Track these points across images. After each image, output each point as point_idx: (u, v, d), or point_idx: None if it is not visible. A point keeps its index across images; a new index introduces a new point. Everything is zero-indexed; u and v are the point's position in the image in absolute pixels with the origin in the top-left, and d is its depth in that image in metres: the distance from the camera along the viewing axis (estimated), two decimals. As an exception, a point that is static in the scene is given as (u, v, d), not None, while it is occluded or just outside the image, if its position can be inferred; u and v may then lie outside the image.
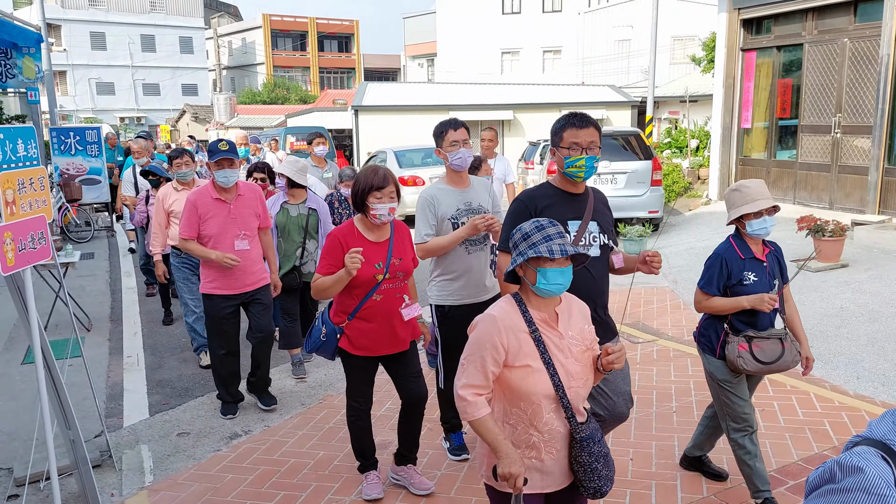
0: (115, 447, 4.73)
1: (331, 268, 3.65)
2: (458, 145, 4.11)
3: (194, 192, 5.04)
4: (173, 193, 6.31)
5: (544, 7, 40.11)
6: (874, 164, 10.63)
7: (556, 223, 2.50)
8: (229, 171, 4.92)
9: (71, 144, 13.55)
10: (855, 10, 11.16)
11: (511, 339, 2.44)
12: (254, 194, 5.19)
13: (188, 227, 4.93)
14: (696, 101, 22.34)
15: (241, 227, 5.01)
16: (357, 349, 3.81)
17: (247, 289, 5.08)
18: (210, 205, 4.95)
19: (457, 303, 4.15)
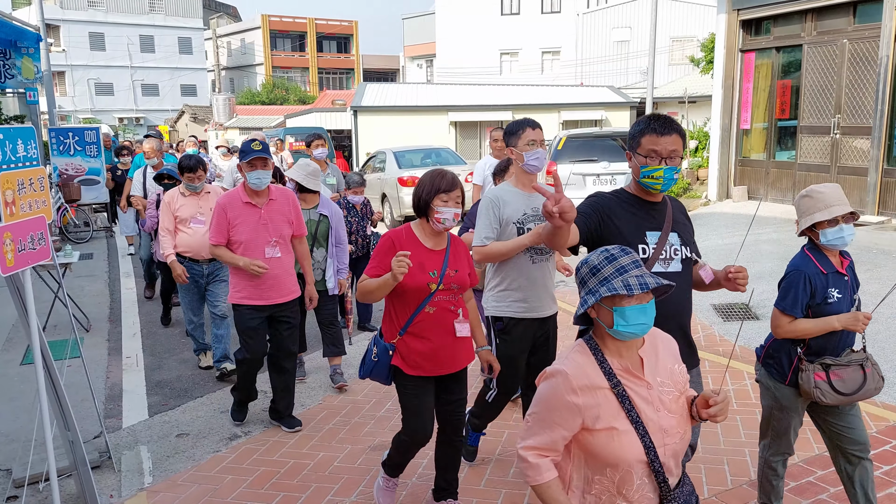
0: (114, 448, 4.72)
1: (379, 270, 3.41)
2: (535, 145, 3.89)
3: (224, 196, 4.79)
4: (180, 198, 6.06)
5: (543, 8, 40.13)
6: (873, 164, 10.64)
7: (629, 250, 2.15)
8: (262, 173, 4.65)
9: (70, 145, 13.54)
10: (854, 12, 11.17)
11: (588, 399, 2.07)
12: (287, 199, 4.87)
13: (217, 233, 4.69)
14: (694, 102, 22.35)
15: (272, 234, 4.72)
16: (411, 367, 3.49)
17: (278, 300, 4.78)
18: (240, 209, 4.68)
19: (517, 315, 3.86)
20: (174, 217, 6.00)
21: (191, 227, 5.97)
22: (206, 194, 6.12)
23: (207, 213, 5.87)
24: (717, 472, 4.10)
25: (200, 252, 5.91)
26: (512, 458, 4.35)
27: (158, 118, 51.94)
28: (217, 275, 6.09)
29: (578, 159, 11.86)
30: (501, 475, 4.19)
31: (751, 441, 4.42)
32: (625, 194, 3.05)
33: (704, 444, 4.44)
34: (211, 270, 6.07)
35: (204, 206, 6.02)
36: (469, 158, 21.83)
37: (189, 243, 5.97)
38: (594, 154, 11.90)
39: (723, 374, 5.62)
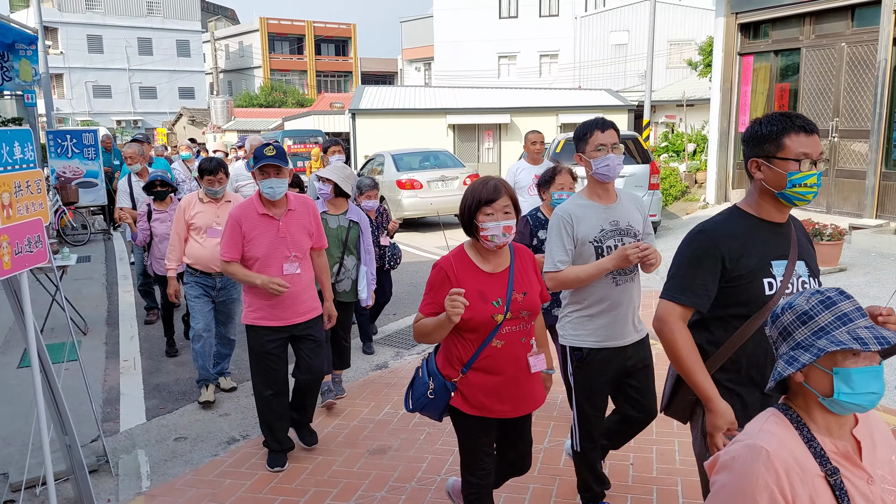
0: (112, 452, 4.70)
1: (434, 307, 2.90)
2: (604, 150, 3.41)
3: (238, 208, 4.27)
4: (198, 205, 5.54)
5: (541, 11, 40.18)
6: (872, 168, 10.65)
7: (845, 292, 1.70)
8: (276, 181, 4.14)
9: (68, 147, 13.52)
10: (852, 15, 11.19)
11: (798, 486, 1.59)
12: (307, 209, 4.39)
13: (231, 248, 4.20)
14: (692, 105, 22.38)
15: (291, 248, 4.26)
16: (474, 408, 2.99)
17: (297, 320, 4.33)
18: (255, 222, 4.19)
19: (597, 345, 3.42)
20: (188, 224, 5.47)
21: (206, 237, 5.45)
22: (226, 203, 5.58)
23: (223, 220, 5.31)
24: None
25: (211, 265, 5.42)
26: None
27: (156, 121, 51.92)
28: (229, 292, 5.64)
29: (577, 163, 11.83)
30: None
31: None
32: (742, 216, 2.56)
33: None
34: (224, 285, 5.58)
35: (223, 215, 5.37)
36: (467, 161, 21.85)
37: (201, 255, 5.45)
38: (592, 157, 11.87)
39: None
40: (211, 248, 5.35)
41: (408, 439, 4.77)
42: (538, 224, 4.58)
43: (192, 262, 5.49)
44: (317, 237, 4.48)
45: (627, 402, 3.57)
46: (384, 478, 4.25)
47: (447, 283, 2.88)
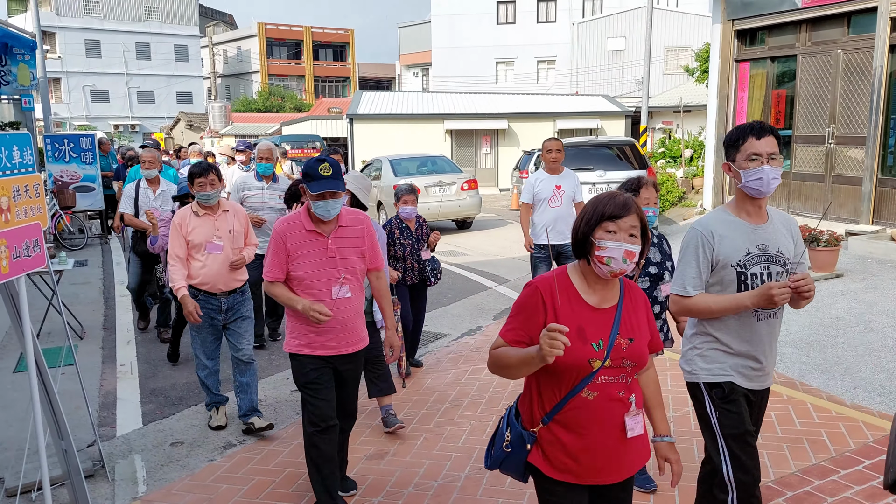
0: (108, 457, 4.69)
1: (520, 333, 2.42)
2: (759, 160, 2.86)
3: (283, 222, 3.77)
4: (193, 219, 5.05)
5: (538, 17, 40.32)
6: (868, 174, 10.68)
7: None
8: (332, 203, 3.63)
9: (65, 152, 13.52)
10: (848, 23, 11.23)
11: None
12: (360, 225, 3.85)
13: (274, 267, 3.73)
14: (689, 111, 22.44)
15: (341, 269, 3.74)
16: (556, 470, 2.44)
17: (343, 350, 3.82)
18: (302, 238, 3.70)
19: (741, 383, 3.00)
20: (186, 242, 5.04)
21: (206, 253, 5.01)
22: (224, 213, 5.14)
23: (227, 237, 5.07)
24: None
25: (217, 284, 5.01)
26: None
27: (154, 125, 51.94)
28: (238, 311, 5.13)
29: (574, 168, 11.83)
30: (498, 485, 4.17)
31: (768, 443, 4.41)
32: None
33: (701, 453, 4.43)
34: (231, 305, 5.08)
35: (221, 226, 5.06)
36: (465, 167, 21.88)
37: (204, 274, 5.00)
38: (590, 163, 11.93)
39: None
40: (216, 265, 4.99)
41: (405, 444, 4.77)
42: None
43: (194, 282, 4.99)
44: (371, 257, 3.90)
45: None
46: (381, 483, 4.24)
47: (541, 311, 2.40)
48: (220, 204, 5.16)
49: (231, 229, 5.10)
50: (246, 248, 5.25)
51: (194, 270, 5.02)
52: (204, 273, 5.00)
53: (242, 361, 5.10)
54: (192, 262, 5.03)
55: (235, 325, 5.12)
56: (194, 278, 5.00)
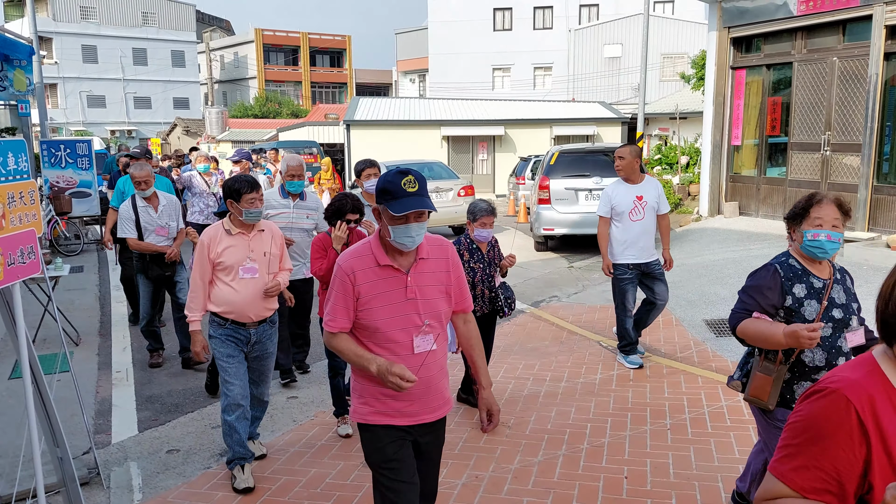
0: (104, 464, 4.67)
1: (820, 478, 1.52)
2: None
3: (349, 255, 2.91)
4: (225, 238, 4.41)
5: (535, 24, 40.44)
6: (863, 181, 10.72)
7: None
8: (417, 228, 2.80)
9: (61, 157, 13.50)
10: (843, 30, 11.28)
11: None
12: (444, 256, 3.01)
13: (339, 314, 2.88)
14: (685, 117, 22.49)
15: (424, 314, 2.91)
16: None
17: (426, 417, 2.99)
18: (375, 276, 2.86)
19: None
20: (214, 264, 4.39)
21: (240, 277, 4.38)
22: (260, 233, 4.52)
23: (261, 260, 4.47)
24: (711, 490, 4.09)
25: (248, 312, 4.40)
26: (503, 477, 4.32)
27: (150, 131, 51.96)
28: (265, 345, 4.59)
29: (570, 174, 11.90)
30: (522, 485, 4.16)
31: (745, 457, 4.41)
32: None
33: (698, 460, 4.43)
34: (259, 337, 4.52)
35: (257, 248, 4.46)
36: (461, 173, 21.92)
37: (234, 301, 4.37)
38: (586, 169, 11.95)
39: (715, 390, 5.61)
40: (248, 291, 4.39)
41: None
42: (792, 276, 3.23)
43: (221, 309, 4.39)
44: (458, 295, 3.06)
45: None
46: (377, 491, 4.23)
47: (856, 439, 1.48)
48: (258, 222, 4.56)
49: (267, 251, 4.50)
50: (280, 272, 4.65)
51: (222, 296, 4.37)
52: (234, 300, 4.37)
53: (260, 399, 4.76)
54: (219, 286, 4.40)
55: (258, 363, 4.61)
56: (220, 305, 4.38)
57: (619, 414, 5.24)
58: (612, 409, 5.35)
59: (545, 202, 11.88)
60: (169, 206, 6.71)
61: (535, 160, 19.04)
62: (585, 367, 6.30)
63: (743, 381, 3.37)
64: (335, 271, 2.92)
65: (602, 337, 7.16)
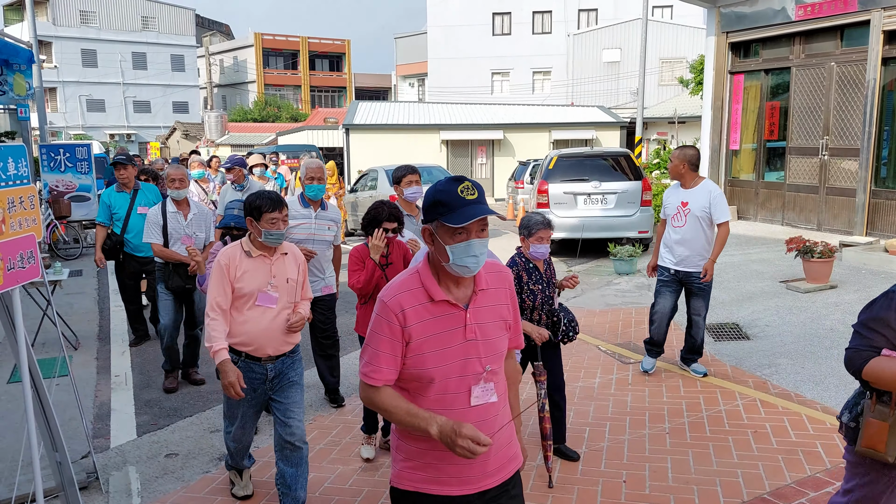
0: (102, 468, 4.67)
1: None
2: None
3: (394, 287, 2.32)
4: (244, 261, 3.84)
5: (534, 28, 40.51)
6: (861, 186, 10.74)
7: None
8: (480, 245, 2.27)
9: (61, 161, 13.51)
10: (841, 35, 11.31)
11: None
12: (502, 284, 2.46)
13: (383, 361, 2.29)
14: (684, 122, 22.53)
15: (485, 359, 2.33)
16: None
17: (488, 483, 2.37)
18: (428, 314, 2.29)
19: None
20: (232, 289, 3.83)
21: (256, 305, 3.82)
22: (282, 256, 3.94)
23: (283, 287, 3.89)
24: (710, 494, 4.09)
25: (265, 346, 3.84)
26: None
27: (150, 135, 52.01)
28: (287, 375, 3.95)
29: (569, 178, 11.92)
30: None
31: (744, 461, 4.41)
32: None
33: (696, 464, 4.44)
34: (279, 371, 3.91)
35: (279, 273, 3.89)
36: (460, 177, 21.90)
37: (250, 333, 3.82)
38: (585, 173, 11.96)
39: (714, 394, 5.62)
40: (265, 322, 3.83)
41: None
42: None
43: (235, 341, 3.83)
44: (514, 329, 2.51)
45: None
46: (376, 494, 4.23)
47: None
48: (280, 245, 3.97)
49: (291, 278, 3.93)
50: (302, 302, 4.06)
51: (236, 327, 3.84)
52: (249, 331, 3.82)
53: (291, 444, 3.86)
54: (233, 314, 3.84)
55: (283, 395, 3.92)
56: (235, 337, 3.83)
57: (618, 418, 5.24)
58: (610, 413, 5.35)
59: (544, 206, 11.89)
60: (200, 215, 6.34)
61: (533, 164, 19.07)
62: (584, 370, 6.31)
63: (851, 426, 2.81)
64: (377, 309, 2.31)
65: (601, 341, 7.17)
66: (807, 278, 8.45)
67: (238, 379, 3.67)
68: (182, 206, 6.29)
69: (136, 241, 7.17)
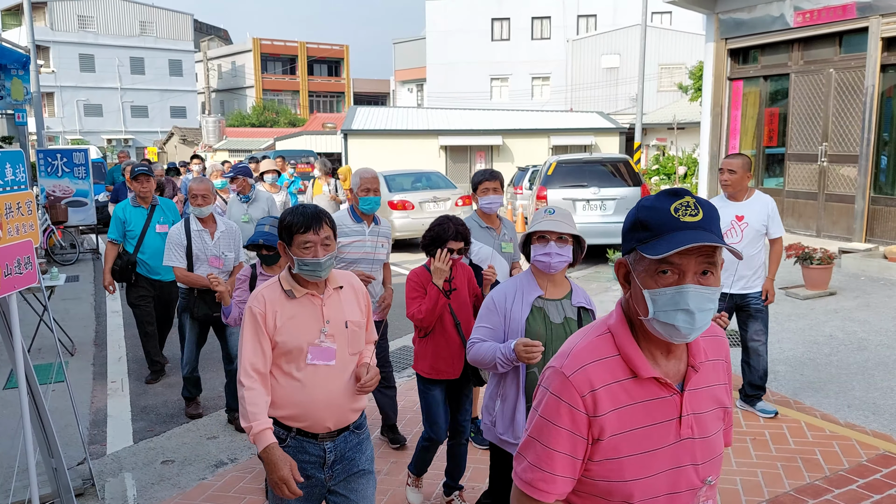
0: (98, 475, 4.64)
1: None
2: None
3: (580, 353, 1.62)
4: (286, 305, 2.79)
5: (533, 34, 40.58)
6: (860, 192, 10.74)
7: None
8: (699, 296, 1.51)
9: (58, 166, 13.48)
10: (840, 42, 11.33)
11: None
12: (720, 356, 1.77)
13: (558, 465, 1.60)
14: (683, 128, 22.56)
15: (704, 462, 1.67)
16: None
17: None
18: (627, 396, 1.59)
19: None
20: (273, 341, 2.77)
21: (309, 363, 2.78)
22: (336, 291, 2.89)
23: (342, 336, 2.83)
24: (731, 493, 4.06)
25: (323, 419, 2.81)
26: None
27: (147, 140, 52.04)
28: (354, 461, 2.92)
29: (568, 184, 11.92)
30: None
31: (742, 469, 4.39)
32: None
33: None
34: (342, 453, 2.88)
35: (334, 317, 2.83)
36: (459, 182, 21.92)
37: (301, 402, 2.79)
38: (584, 179, 11.96)
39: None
40: (320, 385, 2.80)
41: (397, 463, 4.73)
42: None
43: (281, 413, 2.80)
44: (728, 420, 1.79)
45: None
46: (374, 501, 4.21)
47: None
48: (331, 276, 2.89)
49: (350, 320, 2.88)
50: (365, 348, 3.05)
51: (283, 394, 2.80)
52: (300, 399, 2.79)
53: None
54: (277, 378, 2.81)
55: (348, 487, 2.91)
56: (281, 408, 2.80)
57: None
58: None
59: (542, 212, 11.87)
60: (228, 233, 5.64)
61: (532, 170, 19.08)
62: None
63: None
64: (551, 383, 1.61)
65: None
66: (806, 285, 8.44)
67: (292, 470, 2.64)
68: (208, 224, 5.59)
69: (152, 262, 6.42)
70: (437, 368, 3.95)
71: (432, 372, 3.96)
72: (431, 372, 3.96)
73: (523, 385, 3.08)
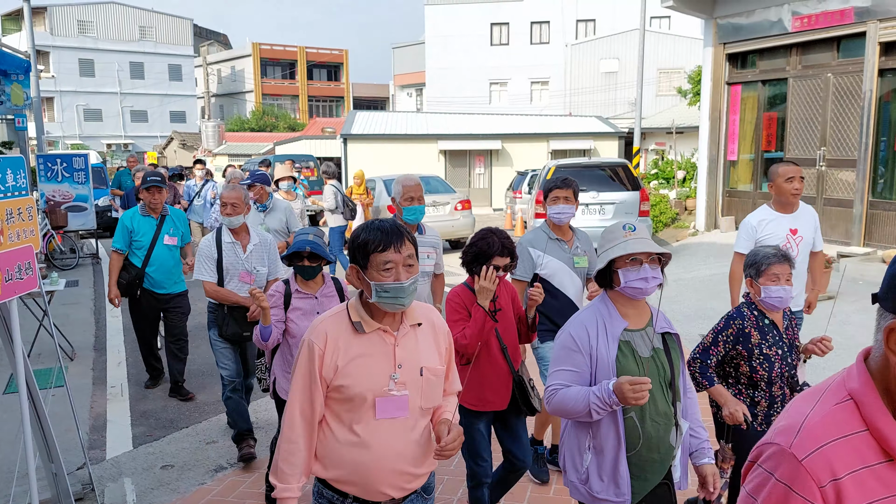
0: (98, 480, 4.64)
1: None
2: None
3: (812, 429, 1.27)
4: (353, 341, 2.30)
5: (532, 39, 40.63)
6: (859, 196, 10.76)
7: None
8: None
9: (58, 171, 13.49)
10: (838, 47, 11.37)
11: None
12: None
13: None
14: (682, 132, 22.59)
15: None
16: None
17: None
18: (882, 486, 1.21)
19: None
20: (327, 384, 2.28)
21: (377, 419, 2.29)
22: (414, 328, 2.38)
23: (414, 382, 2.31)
24: None
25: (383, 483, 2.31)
26: (501, 491, 4.28)
27: (147, 144, 52.02)
28: None
29: (567, 189, 11.92)
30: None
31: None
32: None
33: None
34: None
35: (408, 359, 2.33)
36: (458, 187, 21.96)
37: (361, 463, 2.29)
38: (583, 184, 11.89)
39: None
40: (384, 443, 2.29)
41: None
42: None
43: (334, 475, 2.31)
44: None
45: None
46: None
47: None
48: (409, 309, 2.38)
49: (426, 366, 2.35)
50: (447, 399, 2.52)
51: (338, 452, 2.30)
52: (359, 459, 2.29)
53: None
54: (333, 430, 2.31)
55: None
56: (334, 468, 2.30)
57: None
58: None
59: (542, 216, 11.90)
60: (262, 246, 5.17)
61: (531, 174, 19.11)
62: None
63: None
64: (776, 468, 1.27)
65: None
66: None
67: None
68: (240, 235, 5.11)
69: (157, 275, 6.18)
70: (484, 399, 3.51)
71: (479, 403, 3.51)
72: (478, 403, 3.50)
73: (622, 433, 2.58)
